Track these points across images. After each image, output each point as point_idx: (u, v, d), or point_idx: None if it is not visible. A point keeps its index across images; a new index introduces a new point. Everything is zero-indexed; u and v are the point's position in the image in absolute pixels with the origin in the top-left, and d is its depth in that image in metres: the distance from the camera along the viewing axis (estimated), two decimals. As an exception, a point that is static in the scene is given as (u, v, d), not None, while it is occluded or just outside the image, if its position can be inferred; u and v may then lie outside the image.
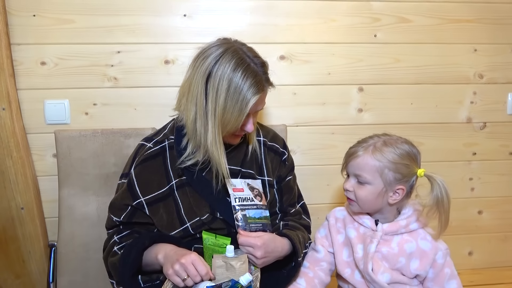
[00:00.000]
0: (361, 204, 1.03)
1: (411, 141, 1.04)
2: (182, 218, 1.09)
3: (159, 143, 1.14)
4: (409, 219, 1.03)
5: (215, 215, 1.10)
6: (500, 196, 1.70)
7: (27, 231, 1.40)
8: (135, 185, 1.09)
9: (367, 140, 1.04)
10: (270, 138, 1.23)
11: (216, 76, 0.99)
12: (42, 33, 1.40)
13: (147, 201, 1.09)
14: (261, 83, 1.02)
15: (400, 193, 1.00)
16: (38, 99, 1.42)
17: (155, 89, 1.47)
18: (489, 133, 1.66)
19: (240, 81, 0.98)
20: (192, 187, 1.11)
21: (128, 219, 1.10)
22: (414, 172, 0.99)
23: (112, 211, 1.12)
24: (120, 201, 1.11)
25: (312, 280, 1.07)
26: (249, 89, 0.99)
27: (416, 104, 1.61)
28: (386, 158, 0.99)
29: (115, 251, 1.08)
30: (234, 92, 0.98)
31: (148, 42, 1.45)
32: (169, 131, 1.16)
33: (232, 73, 0.99)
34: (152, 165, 1.11)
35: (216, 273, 0.97)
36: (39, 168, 1.45)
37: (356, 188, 1.03)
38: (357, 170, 1.01)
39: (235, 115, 1.00)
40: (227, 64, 0.99)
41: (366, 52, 1.55)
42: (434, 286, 1.03)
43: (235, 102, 0.99)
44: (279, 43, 1.51)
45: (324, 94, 1.56)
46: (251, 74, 1.00)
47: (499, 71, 1.63)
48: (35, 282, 1.44)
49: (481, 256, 1.72)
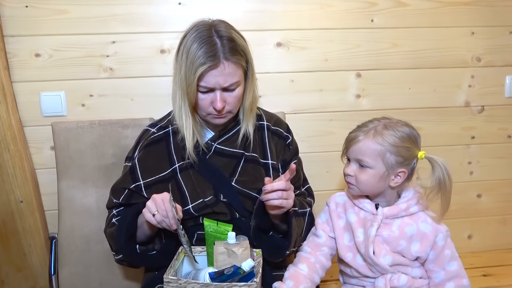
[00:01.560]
0: (362, 188, 1.03)
1: (411, 124, 1.04)
2: (185, 199, 1.10)
3: (162, 128, 1.18)
4: (409, 202, 1.04)
5: (219, 197, 1.12)
6: (499, 179, 1.71)
7: (27, 224, 1.40)
8: (137, 169, 1.13)
9: (367, 124, 1.04)
10: (274, 122, 1.24)
11: (181, 48, 1.06)
12: (35, 24, 1.38)
13: (146, 184, 1.11)
14: (216, 55, 1.02)
15: (401, 176, 1.01)
16: (34, 91, 1.41)
17: (151, 78, 1.46)
18: (487, 117, 1.66)
19: (194, 51, 1.02)
20: (196, 169, 1.13)
21: (126, 201, 1.12)
22: (415, 154, 1.00)
23: (113, 193, 1.15)
24: (120, 184, 1.14)
25: (314, 265, 1.07)
26: (199, 59, 1.01)
27: (414, 89, 1.60)
28: (387, 142, 0.98)
29: (113, 222, 1.12)
30: (191, 62, 1.02)
31: (143, 32, 1.44)
32: (173, 117, 1.18)
33: (190, 44, 1.03)
34: (155, 149, 1.15)
35: (218, 259, 0.98)
36: (37, 161, 1.45)
37: (357, 172, 1.02)
38: (359, 155, 1.01)
39: (189, 84, 1.03)
40: (190, 36, 1.04)
41: (363, 37, 1.54)
42: (435, 267, 1.04)
43: (189, 72, 1.02)
44: (276, 29, 1.50)
45: (322, 80, 1.55)
46: (207, 44, 1.02)
47: (496, 54, 1.62)
48: (37, 275, 1.44)
49: (481, 239, 1.73)
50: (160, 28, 1.44)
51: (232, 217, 1.12)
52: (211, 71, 1.03)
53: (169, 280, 0.91)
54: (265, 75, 1.52)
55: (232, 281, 0.90)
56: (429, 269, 1.05)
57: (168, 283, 0.91)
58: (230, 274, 0.91)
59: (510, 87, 1.64)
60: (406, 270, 1.04)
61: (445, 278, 1.03)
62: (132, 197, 1.12)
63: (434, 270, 1.04)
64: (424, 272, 1.06)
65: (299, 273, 1.05)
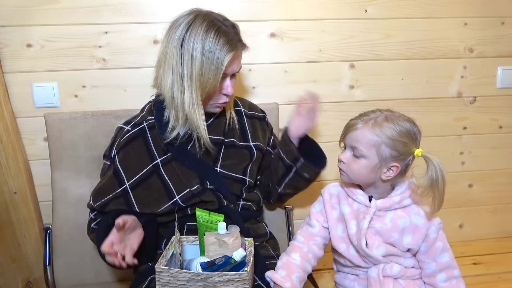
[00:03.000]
0: (352, 177, 1.03)
1: (414, 120, 1.02)
2: (170, 192, 1.11)
3: (137, 125, 1.17)
4: (402, 195, 1.03)
5: (205, 185, 1.13)
6: (490, 169, 1.73)
7: (21, 215, 1.40)
8: (121, 171, 1.13)
9: (369, 113, 1.02)
10: (248, 107, 1.29)
11: (189, 40, 1.04)
12: (26, 14, 1.37)
13: (131, 185, 1.12)
14: (234, 42, 1.06)
15: (394, 170, 1.00)
16: (26, 82, 1.40)
17: (144, 69, 1.45)
18: (479, 107, 1.67)
19: (213, 41, 1.03)
20: (178, 161, 1.13)
21: (101, 208, 1.13)
22: (411, 151, 0.98)
23: (94, 196, 1.14)
24: (104, 187, 1.14)
25: (307, 254, 1.08)
26: (223, 48, 1.04)
27: (407, 80, 1.61)
28: (384, 134, 0.97)
29: (93, 228, 1.15)
30: (209, 53, 1.03)
31: (136, 22, 1.43)
32: (146, 113, 1.19)
33: (205, 35, 1.04)
34: (133, 147, 1.14)
35: (209, 250, 0.99)
36: (30, 152, 1.44)
37: (350, 160, 1.02)
38: (354, 142, 1.00)
39: (212, 75, 1.04)
40: (199, 27, 1.04)
41: (357, 28, 1.54)
42: (426, 259, 1.04)
43: (210, 62, 1.04)
44: (269, 20, 1.50)
45: (316, 71, 1.55)
46: (223, 34, 1.05)
47: (489, 45, 1.63)
48: (32, 266, 1.45)
49: (472, 229, 1.75)
50: (153, 19, 1.44)
51: (220, 204, 1.13)
52: (232, 57, 1.06)
53: (160, 270, 0.91)
54: (258, 66, 1.52)
55: (223, 270, 0.91)
56: (421, 260, 1.05)
57: (160, 272, 0.91)
58: (221, 264, 0.92)
59: (502, 78, 1.65)
60: (399, 260, 1.05)
61: (436, 269, 1.03)
62: (107, 205, 1.12)
63: (426, 261, 1.04)
64: (416, 262, 1.07)
65: (291, 262, 1.06)
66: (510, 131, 1.70)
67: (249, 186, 1.21)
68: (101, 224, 1.11)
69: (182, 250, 1.06)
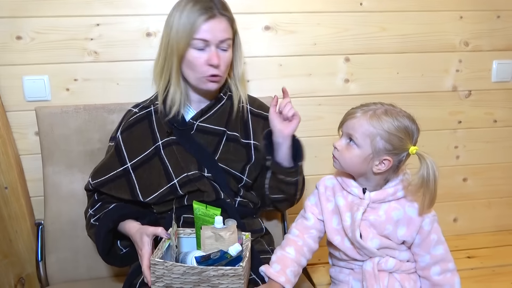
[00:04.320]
0: (343, 164, 1.03)
1: (414, 118, 1.02)
2: (169, 175, 1.13)
3: (144, 108, 1.21)
4: (396, 187, 1.03)
5: (203, 171, 1.14)
6: (484, 164, 1.73)
7: (12, 211, 1.38)
8: (123, 150, 1.15)
9: (370, 104, 1.03)
10: (257, 106, 1.28)
11: (172, 15, 1.11)
12: (16, 5, 1.34)
13: (133, 166, 1.14)
14: (212, 8, 1.09)
15: (386, 164, 0.99)
16: (16, 75, 1.38)
17: (137, 62, 1.43)
18: (474, 101, 1.67)
19: (190, 8, 1.08)
20: (180, 145, 1.15)
21: (99, 187, 1.14)
22: (406, 147, 0.98)
23: (94, 174, 1.16)
24: (106, 166, 1.15)
25: (301, 248, 1.08)
26: (197, 12, 1.07)
27: (402, 73, 1.60)
28: (381, 126, 0.97)
29: (92, 224, 1.15)
30: (185, 18, 1.07)
31: (128, 14, 1.41)
32: (155, 98, 1.22)
33: (184, 6, 1.09)
34: (138, 129, 1.17)
35: (205, 243, 0.98)
36: (21, 147, 1.42)
37: (344, 148, 1.02)
38: (351, 129, 1.01)
39: (185, 35, 1.07)
40: (182, 2, 1.10)
41: (352, 21, 1.53)
42: (420, 251, 1.04)
43: (184, 27, 1.07)
44: (264, 13, 1.48)
45: (310, 65, 1.54)
46: (202, 2, 1.08)
47: (484, 39, 1.63)
48: (23, 261, 1.44)
49: (466, 222, 1.76)
50: (145, 11, 1.41)
51: (217, 197, 1.13)
52: (208, 22, 1.08)
53: (155, 263, 0.91)
54: (253, 59, 1.50)
55: (218, 265, 0.90)
56: (415, 253, 1.05)
57: (155, 265, 0.91)
58: (217, 258, 0.91)
59: (497, 72, 1.65)
60: (394, 253, 1.05)
61: (431, 262, 1.03)
62: (106, 184, 1.13)
63: (420, 254, 1.04)
64: (411, 256, 1.07)
65: (286, 256, 1.05)
66: (505, 125, 1.71)
67: (246, 185, 1.20)
68: (101, 227, 1.11)
69: (179, 242, 1.05)
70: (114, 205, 1.14)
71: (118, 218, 1.10)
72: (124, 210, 1.12)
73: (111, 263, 1.16)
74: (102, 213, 1.13)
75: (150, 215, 1.14)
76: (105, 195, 1.16)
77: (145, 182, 1.13)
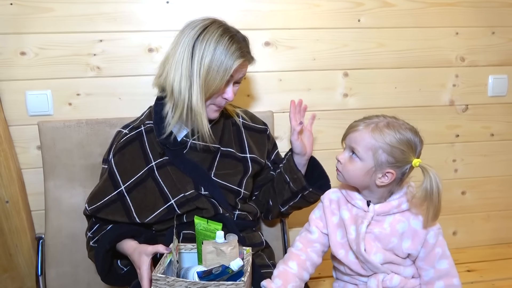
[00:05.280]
0: (346, 177, 1.03)
1: (417, 131, 1.02)
2: (166, 195, 1.12)
3: (135, 128, 1.19)
4: (400, 199, 1.03)
5: (200, 191, 1.14)
6: (482, 177, 1.74)
7: (13, 225, 1.38)
8: (116, 174, 1.14)
9: (372, 117, 1.03)
10: (250, 119, 1.30)
11: (203, 40, 1.08)
12: (20, 22, 1.36)
13: (127, 188, 1.13)
14: (244, 51, 1.12)
15: (389, 177, 0.99)
16: (19, 90, 1.39)
17: (139, 77, 1.45)
18: (471, 115, 1.69)
19: (226, 45, 1.08)
20: (174, 165, 1.14)
21: (95, 213, 1.13)
22: (409, 160, 0.97)
23: (90, 200, 1.15)
24: (100, 190, 1.14)
25: (304, 262, 1.07)
26: (234, 53, 1.08)
27: (400, 88, 1.63)
28: (383, 139, 0.97)
29: (91, 246, 1.16)
30: (220, 55, 1.07)
31: (130, 30, 1.43)
32: (145, 117, 1.21)
33: (219, 38, 1.08)
34: (129, 150, 1.16)
35: (207, 259, 0.98)
36: (23, 161, 1.43)
37: (347, 161, 1.02)
38: (353, 143, 1.01)
39: (219, 76, 1.08)
40: (215, 30, 1.09)
41: (350, 37, 1.56)
42: (425, 265, 1.03)
43: (219, 64, 1.07)
44: (264, 29, 1.51)
45: (310, 79, 1.56)
46: (236, 41, 1.10)
47: (480, 54, 1.66)
48: (23, 275, 1.43)
49: (465, 236, 1.77)
50: (148, 27, 1.44)
51: (216, 212, 1.13)
52: (241, 65, 1.11)
53: (157, 278, 0.91)
54: (253, 74, 1.53)
55: (220, 280, 0.91)
56: (419, 267, 1.04)
57: (157, 281, 0.91)
58: (219, 273, 0.92)
59: (493, 87, 1.68)
60: (399, 269, 1.04)
61: (435, 276, 1.02)
62: (102, 210, 1.13)
63: (424, 268, 1.03)
64: (416, 271, 1.05)
65: (288, 271, 1.05)
66: (501, 138, 1.73)
67: (243, 197, 1.21)
68: (98, 249, 1.11)
69: (180, 258, 1.05)
70: (111, 226, 1.15)
71: (115, 238, 1.10)
72: (120, 230, 1.12)
73: (112, 284, 1.17)
74: (100, 235, 1.14)
75: (147, 233, 1.14)
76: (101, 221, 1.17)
77: (140, 204, 1.12)
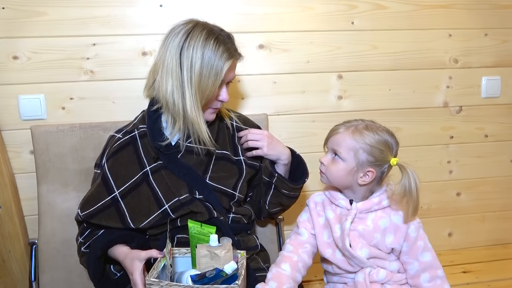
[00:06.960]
0: (330, 178, 1.09)
1: (393, 132, 1.08)
2: (160, 200, 1.11)
3: (128, 133, 1.18)
4: (381, 197, 1.08)
5: (194, 194, 1.13)
6: (477, 178, 1.75)
7: (6, 230, 1.37)
8: (110, 179, 1.12)
9: (352, 121, 1.10)
10: (243, 122, 1.30)
11: (189, 47, 1.07)
12: (13, 26, 1.36)
13: (121, 194, 1.11)
14: (232, 50, 1.11)
15: (369, 176, 1.05)
16: (12, 94, 1.38)
17: (133, 81, 1.45)
18: (465, 117, 1.70)
19: (213, 49, 1.07)
20: (168, 169, 1.14)
21: (88, 218, 1.12)
22: (387, 159, 1.04)
23: (82, 205, 1.13)
24: (93, 196, 1.13)
25: (296, 264, 1.09)
26: (222, 55, 1.08)
27: (394, 90, 1.63)
28: (363, 140, 1.04)
29: (83, 252, 1.15)
30: (209, 60, 1.06)
31: (124, 34, 1.43)
32: (138, 121, 1.21)
33: (205, 42, 1.07)
34: (123, 155, 1.14)
35: (201, 262, 0.97)
36: (16, 166, 1.42)
37: (330, 163, 1.08)
38: (335, 145, 1.07)
39: (211, 81, 1.08)
40: (199, 35, 1.08)
41: (344, 39, 1.57)
42: (409, 259, 1.07)
43: (210, 69, 1.07)
44: (258, 32, 1.51)
45: (304, 82, 1.57)
46: (222, 42, 1.09)
47: (473, 56, 1.67)
48: (17, 282, 1.42)
49: (460, 237, 1.77)
50: (141, 31, 1.44)
51: (210, 216, 1.13)
52: (232, 65, 1.11)
53: (151, 282, 0.90)
54: (247, 77, 1.53)
55: (214, 283, 0.90)
56: (404, 261, 1.08)
57: (150, 285, 0.90)
58: (212, 276, 0.91)
59: (486, 88, 1.69)
60: (384, 263, 1.08)
61: (419, 269, 1.06)
62: (96, 215, 1.11)
63: (408, 261, 1.07)
64: (401, 266, 1.09)
65: (281, 273, 1.06)
66: (495, 139, 1.73)
67: (238, 201, 1.20)
68: (90, 255, 1.11)
69: (174, 262, 1.05)
70: (102, 231, 1.14)
71: (106, 244, 1.09)
72: (112, 235, 1.11)
73: None
74: (92, 240, 1.13)
75: (139, 238, 1.13)
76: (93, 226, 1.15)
77: (135, 210, 1.11)
